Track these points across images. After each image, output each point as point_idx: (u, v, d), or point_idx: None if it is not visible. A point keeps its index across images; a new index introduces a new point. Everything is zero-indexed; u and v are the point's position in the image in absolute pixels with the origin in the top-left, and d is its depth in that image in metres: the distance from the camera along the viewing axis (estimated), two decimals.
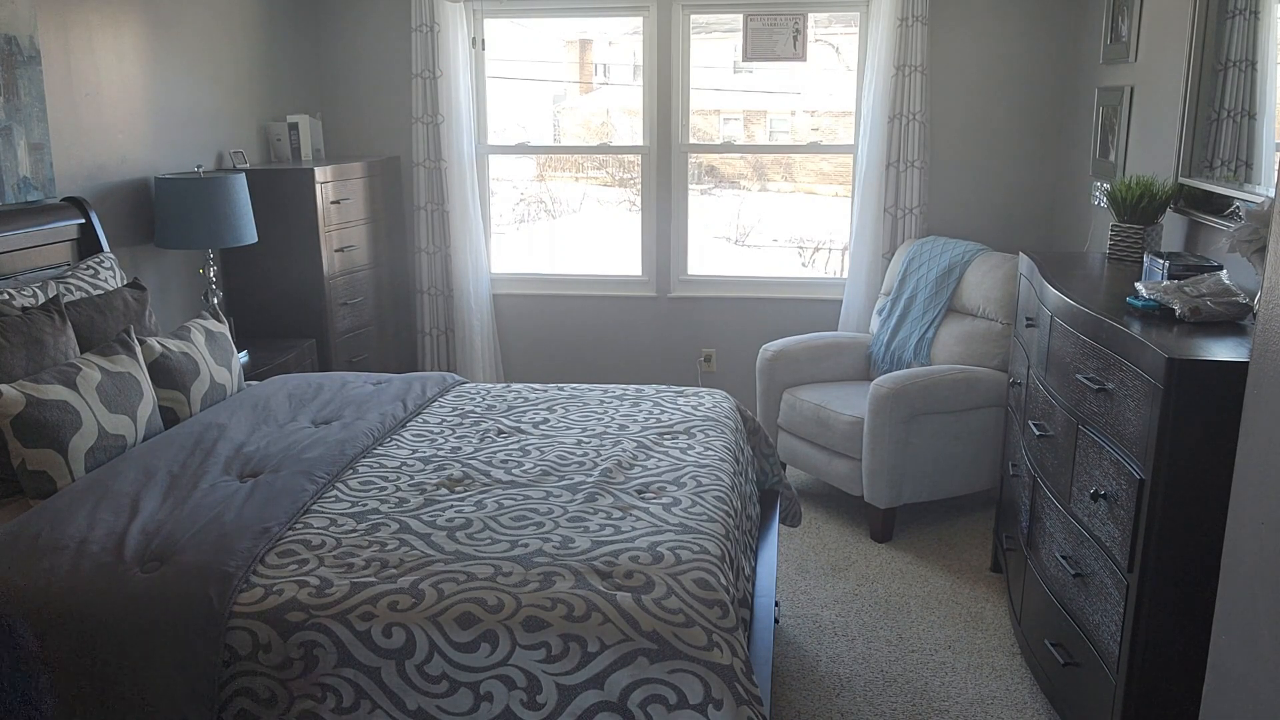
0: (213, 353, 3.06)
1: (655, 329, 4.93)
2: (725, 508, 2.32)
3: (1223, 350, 2.03)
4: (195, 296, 3.95)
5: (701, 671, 1.79)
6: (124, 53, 3.58)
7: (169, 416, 2.84)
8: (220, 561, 1.98)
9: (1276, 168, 2.63)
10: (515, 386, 3.27)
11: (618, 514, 2.24)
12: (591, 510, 2.26)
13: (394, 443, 2.73)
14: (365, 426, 2.78)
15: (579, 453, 2.63)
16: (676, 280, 4.90)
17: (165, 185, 3.55)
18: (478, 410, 3.01)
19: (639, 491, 2.37)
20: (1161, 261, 2.59)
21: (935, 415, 3.68)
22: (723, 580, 1.97)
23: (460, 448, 2.68)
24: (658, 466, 2.52)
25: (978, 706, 2.71)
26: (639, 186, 4.90)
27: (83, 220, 3.22)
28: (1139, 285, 2.46)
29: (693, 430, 2.80)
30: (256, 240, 3.75)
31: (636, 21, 4.73)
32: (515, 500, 2.32)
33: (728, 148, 5.30)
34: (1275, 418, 1.44)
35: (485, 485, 2.41)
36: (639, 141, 4.84)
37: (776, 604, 2.82)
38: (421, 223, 4.84)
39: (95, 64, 3.42)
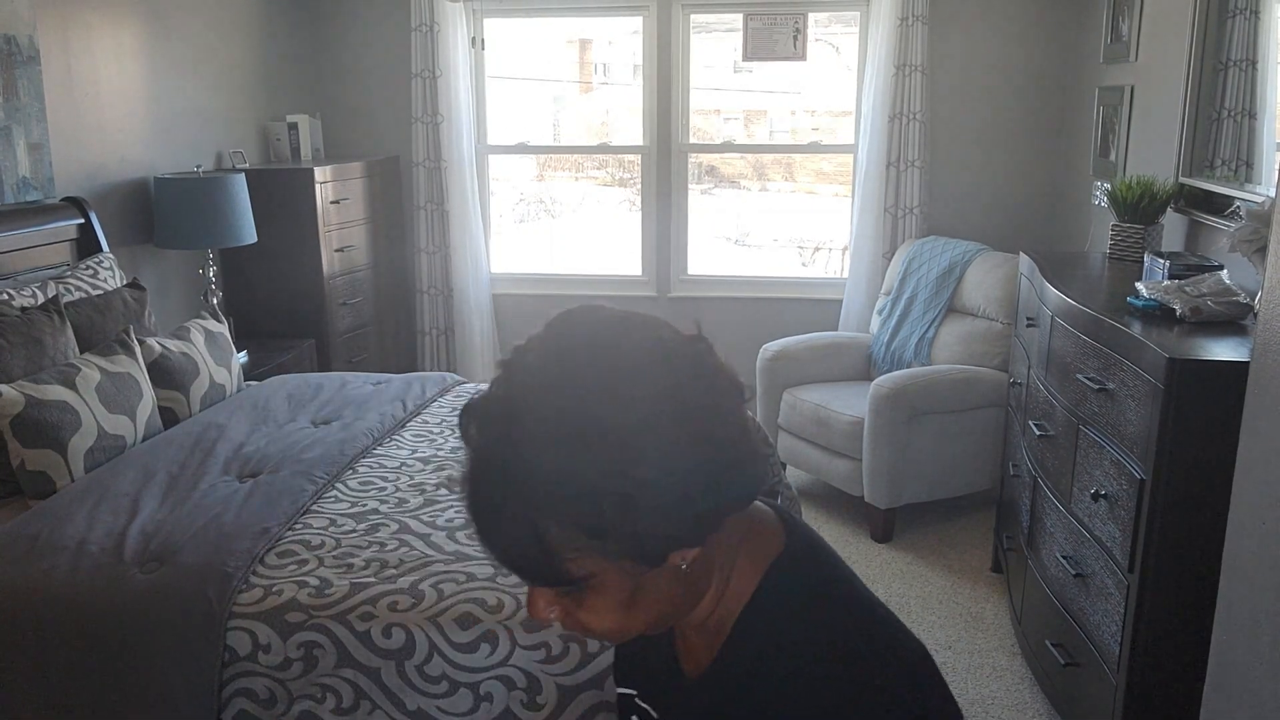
0: (212, 353, 3.06)
1: None
2: None
3: (1223, 350, 2.02)
4: (194, 296, 3.94)
5: None
6: (123, 53, 3.57)
7: (168, 417, 2.84)
8: (220, 562, 1.98)
9: (1277, 167, 2.62)
10: None
11: None
12: None
13: (394, 443, 2.72)
14: (365, 426, 2.77)
15: None
16: (676, 280, 4.90)
17: (165, 185, 3.54)
18: None
19: None
20: (1162, 261, 2.59)
21: (935, 415, 3.67)
22: None
23: (460, 448, 2.68)
24: None
25: (978, 707, 2.71)
26: (639, 186, 4.89)
27: (82, 220, 3.22)
28: (1139, 285, 2.46)
29: None
30: (256, 240, 3.75)
31: (636, 21, 4.73)
32: None
33: (728, 147, 5.29)
34: (1276, 418, 1.43)
35: None
36: (639, 141, 4.84)
37: None
38: (421, 222, 4.83)
39: (94, 64, 3.42)
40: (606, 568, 0.84)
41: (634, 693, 1.08)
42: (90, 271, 3.10)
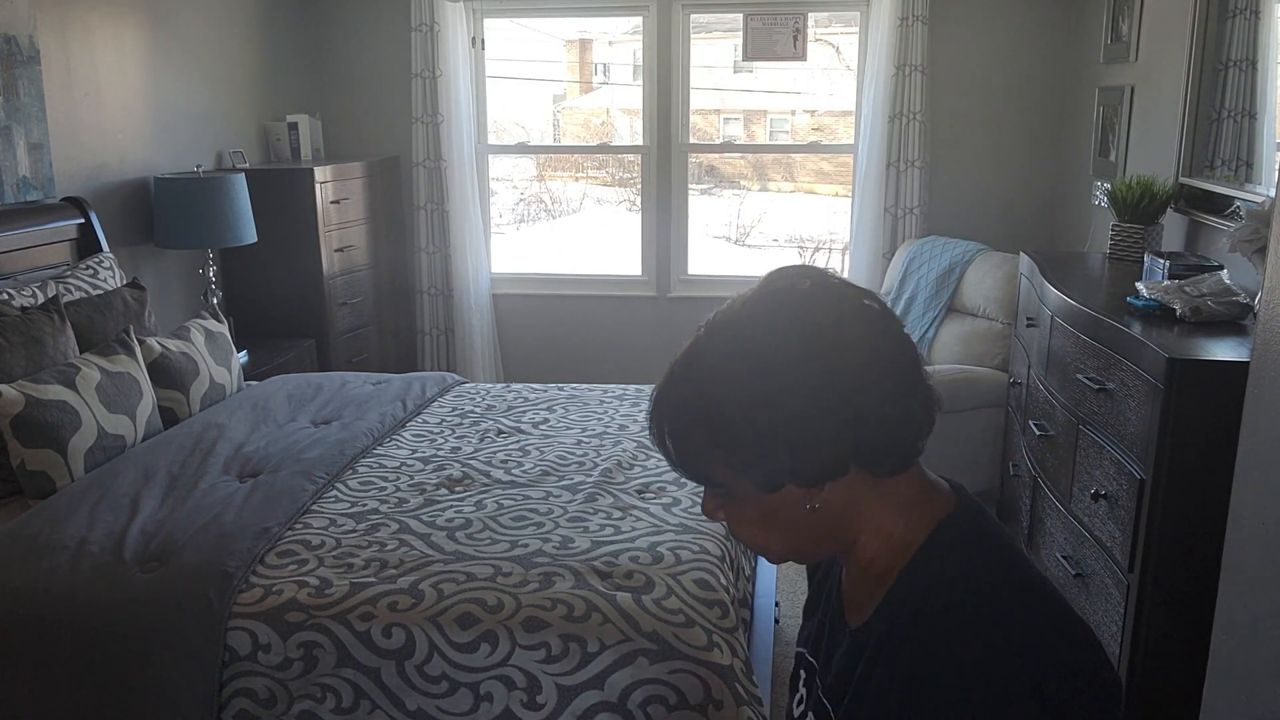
0: (212, 353, 3.06)
1: (655, 329, 4.92)
2: None
3: (1223, 350, 2.02)
4: (195, 296, 3.94)
5: (701, 672, 1.79)
6: (123, 52, 3.57)
7: (168, 416, 2.84)
8: (220, 562, 1.98)
9: (1277, 167, 2.62)
10: (515, 386, 3.27)
11: (618, 514, 2.23)
12: (591, 510, 2.25)
13: (394, 443, 2.72)
14: (365, 426, 2.77)
15: (579, 453, 2.63)
16: (676, 280, 4.90)
17: (165, 185, 3.54)
18: (477, 410, 3.01)
19: (639, 492, 2.37)
20: (1162, 261, 2.59)
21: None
22: (723, 580, 1.97)
23: (460, 448, 2.68)
24: (658, 467, 2.52)
25: None
26: (639, 186, 4.89)
27: (82, 220, 3.22)
28: (1139, 285, 2.46)
29: None
30: (256, 240, 3.75)
31: (636, 21, 4.73)
32: (515, 500, 2.31)
33: (728, 147, 5.29)
34: (1275, 418, 1.44)
35: (485, 485, 2.41)
36: (639, 141, 4.84)
37: (776, 604, 2.82)
38: (421, 222, 4.83)
39: (95, 64, 3.42)
40: (735, 480, 0.95)
41: (804, 650, 1.15)
42: (90, 271, 3.10)
